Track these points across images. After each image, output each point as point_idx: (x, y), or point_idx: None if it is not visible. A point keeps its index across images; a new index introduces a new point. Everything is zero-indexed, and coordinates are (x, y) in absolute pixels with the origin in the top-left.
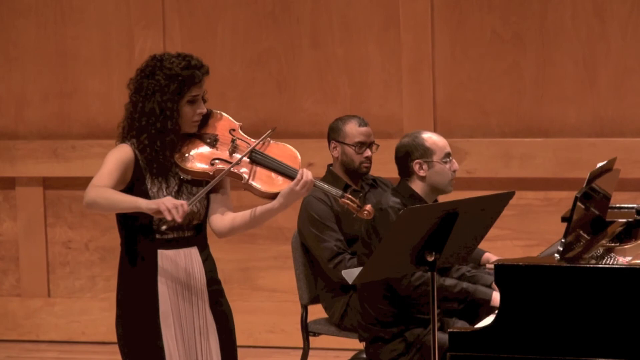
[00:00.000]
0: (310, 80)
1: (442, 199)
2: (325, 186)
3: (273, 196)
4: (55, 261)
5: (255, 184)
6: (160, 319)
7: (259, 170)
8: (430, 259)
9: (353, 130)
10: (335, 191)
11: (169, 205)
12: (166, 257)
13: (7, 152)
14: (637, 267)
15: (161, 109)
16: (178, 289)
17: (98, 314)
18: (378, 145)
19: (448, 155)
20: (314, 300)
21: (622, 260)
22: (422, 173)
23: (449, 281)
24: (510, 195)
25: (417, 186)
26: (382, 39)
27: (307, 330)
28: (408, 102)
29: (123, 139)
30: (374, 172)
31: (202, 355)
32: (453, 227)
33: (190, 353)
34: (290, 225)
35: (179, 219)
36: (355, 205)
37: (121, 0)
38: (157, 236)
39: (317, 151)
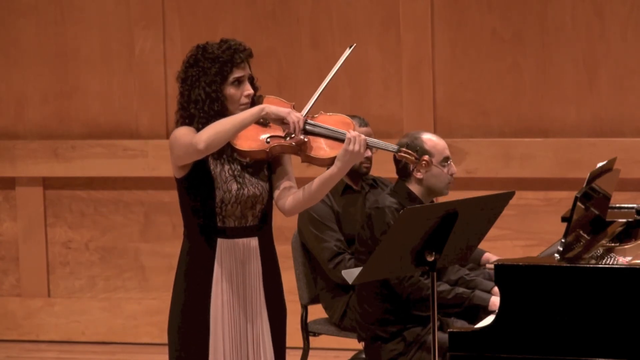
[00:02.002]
0: (310, 80)
1: (441, 199)
2: (379, 142)
3: (332, 162)
4: (55, 261)
5: (312, 152)
6: (210, 310)
7: (313, 138)
8: (430, 259)
9: None
10: (390, 146)
11: (294, 118)
12: (225, 247)
13: (7, 152)
14: (637, 267)
15: (206, 94)
16: (233, 279)
17: (98, 314)
18: None
19: (447, 159)
20: (314, 300)
21: (622, 260)
22: (419, 175)
23: (442, 287)
24: (510, 195)
25: (415, 187)
26: (382, 39)
27: (307, 330)
28: (408, 102)
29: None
30: (374, 172)
31: (254, 355)
32: (453, 227)
33: (241, 350)
34: (290, 225)
35: (298, 134)
36: (413, 158)
37: (121, 0)
38: (220, 225)
39: None
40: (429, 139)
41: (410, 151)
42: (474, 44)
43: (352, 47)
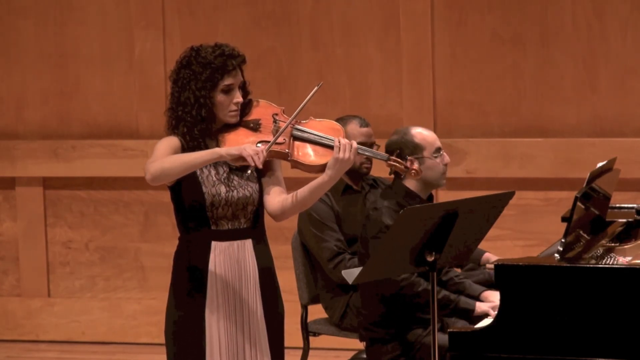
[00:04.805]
0: (310, 80)
1: (442, 197)
2: (370, 150)
3: (321, 169)
4: (55, 261)
5: (301, 159)
6: (205, 313)
7: (302, 145)
8: (430, 259)
9: (354, 130)
10: (380, 154)
11: (251, 152)
12: (220, 249)
13: (7, 152)
14: (637, 267)
15: (195, 98)
16: (229, 281)
17: (98, 314)
18: (379, 146)
19: (438, 150)
20: (314, 300)
21: (622, 260)
22: (414, 163)
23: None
24: (510, 195)
25: (411, 183)
26: (382, 39)
27: (307, 330)
28: (408, 102)
29: (167, 130)
30: (374, 172)
31: (251, 356)
32: (453, 227)
33: (238, 351)
34: (290, 225)
35: (260, 165)
36: (402, 167)
37: (121, 0)
38: (213, 227)
39: None
40: (418, 132)
41: (399, 160)
42: (474, 45)
43: (319, 85)
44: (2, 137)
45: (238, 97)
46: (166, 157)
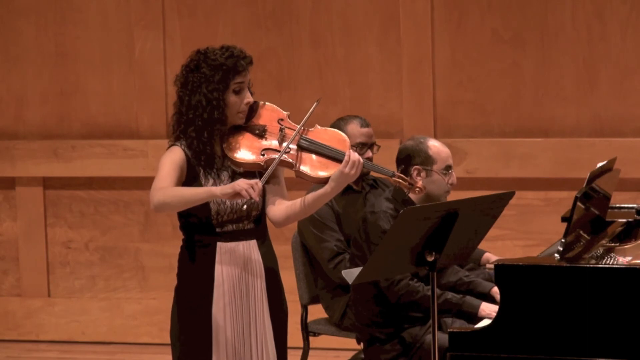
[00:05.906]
0: (310, 80)
1: None
2: (376, 166)
3: (324, 181)
4: (55, 261)
5: (306, 170)
6: (212, 313)
7: (308, 156)
8: (430, 259)
9: (354, 130)
10: (385, 170)
11: (244, 186)
12: (225, 249)
13: (7, 152)
14: (637, 267)
15: (207, 100)
16: (236, 281)
17: (98, 314)
18: (379, 147)
19: (449, 167)
20: (314, 300)
21: (622, 260)
22: (419, 180)
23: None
24: (510, 195)
25: (412, 194)
26: (382, 39)
27: (307, 330)
28: (408, 102)
29: (173, 135)
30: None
31: (257, 355)
32: (453, 227)
33: (245, 351)
34: (291, 226)
35: (256, 198)
36: (406, 184)
37: (121, 0)
38: (218, 230)
39: None
40: (433, 145)
41: (404, 176)
42: (474, 44)
43: (318, 102)
44: (2, 137)
45: (249, 98)
46: (170, 188)
